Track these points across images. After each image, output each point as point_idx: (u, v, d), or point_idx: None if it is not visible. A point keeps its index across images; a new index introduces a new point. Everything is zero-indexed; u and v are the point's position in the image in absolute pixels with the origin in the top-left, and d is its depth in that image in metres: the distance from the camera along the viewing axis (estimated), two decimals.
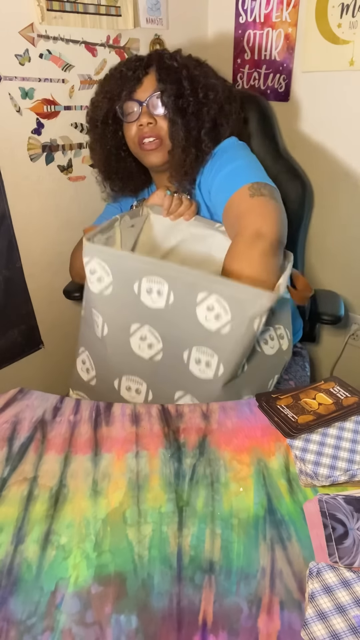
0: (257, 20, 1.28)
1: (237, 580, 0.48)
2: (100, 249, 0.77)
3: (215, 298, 0.70)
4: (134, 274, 0.74)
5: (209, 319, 0.72)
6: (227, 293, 0.70)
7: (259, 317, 0.70)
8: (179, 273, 0.73)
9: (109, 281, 0.77)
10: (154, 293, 0.74)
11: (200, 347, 0.74)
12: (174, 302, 0.73)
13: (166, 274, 0.73)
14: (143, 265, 0.74)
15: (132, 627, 0.44)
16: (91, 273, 0.78)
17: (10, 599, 0.47)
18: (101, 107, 0.99)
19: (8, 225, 1.15)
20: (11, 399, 0.73)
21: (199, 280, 0.72)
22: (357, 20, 1.10)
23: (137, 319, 0.77)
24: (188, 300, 0.72)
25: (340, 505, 0.52)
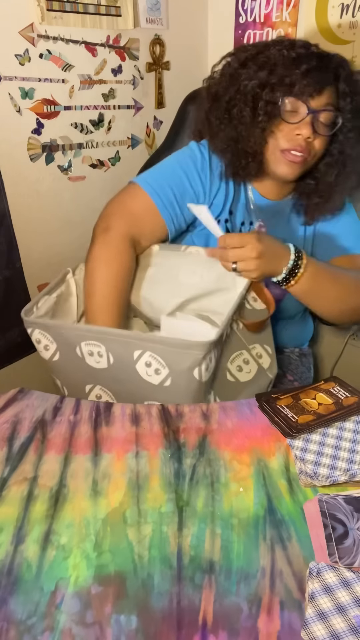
0: (257, 20, 1.28)
1: (237, 580, 0.48)
2: (36, 322, 0.79)
3: (149, 354, 0.72)
4: (72, 340, 0.77)
5: (150, 374, 0.74)
6: (158, 348, 0.71)
7: (197, 367, 0.71)
8: (110, 335, 0.75)
9: (54, 348, 0.80)
10: (95, 355, 0.76)
11: (149, 401, 0.77)
12: (115, 362, 0.76)
13: (99, 337, 0.75)
14: (76, 332, 0.76)
15: (132, 627, 0.44)
16: (37, 343, 0.81)
17: (10, 599, 0.47)
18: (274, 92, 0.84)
19: (8, 225, 1.15)
20: (11, 399, 0.73)
21: (130, 339, 0.73)
22: (357, 20, 1.10)
23: (89, 380, 0.80)
24: (126, 359, 0.74)
25: (340, 505, 0.52)
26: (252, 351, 0.84)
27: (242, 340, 0.83)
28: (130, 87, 1.29)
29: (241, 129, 0.88)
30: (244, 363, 0.83)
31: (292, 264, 0.81)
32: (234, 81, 0.88)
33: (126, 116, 1.31)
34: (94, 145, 1.26)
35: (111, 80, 1.24)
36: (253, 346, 0.85)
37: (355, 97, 0.85)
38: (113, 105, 1.26)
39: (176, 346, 0.70)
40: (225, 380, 0.81)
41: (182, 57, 1.38)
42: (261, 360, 0.86)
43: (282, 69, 0.83)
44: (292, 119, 0.84)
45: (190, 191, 0.94)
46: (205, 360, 0.71)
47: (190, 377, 0.72)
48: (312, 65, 0.82)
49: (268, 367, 0.86)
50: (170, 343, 0.71)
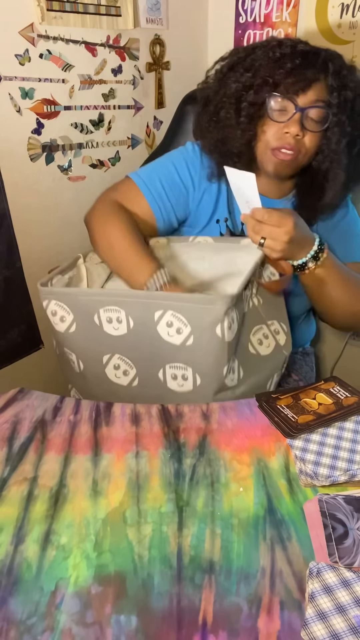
0: (257, 20, 1.28)
1: (237, 580, 0.48)
2: (53, 291, 0.79)
3: (170, 314, 0.72)
4: (90, 307, 0.76)
5: (172, 335, 0.73)
6: (180, 306, 0.71)
7: (219, 323, 0.71)
8: (131, 297, 0.74)
9: (71, 319, 0.79)
10: (114, 321, 0.75)
11: (172, 363, 0.76)
12: (135, 326, 0.75)
13: (119, 300, 0.74)
14: (96, 298, 0.76)
15: (132, 627, 0.44)
16: (53, 315, 0.80)
17: (10, 599, 0.47)
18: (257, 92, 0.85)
19: (8, 225, 1.15)
20: (11, 399, 0.73)
21: (150, 299, 0.73)
22: (357, 20, 1.10)
23: (106, 350, 0.79)
24: (147, 322, 0.74)
25: (340, 505, 0.52)
26: (270, 327, 0.85)
27: (261, 315, 0.83)
28: (130, 87, 1.29)
29: (227, 131, 0.90)
30: (263, 337, 0.83)
31: (312, 254, 0.83)
32: (222, 85, 0.90)
33: (126, 116, 1.31)
34: (94, 145, 1.26)
35: (111, 80, 1.23)
36: (272, 322, 0.85)
37: (343, 92, 0.85)
38: (113, 105, 1.26)
39: (198, 302, 0.71)
40: (247, 351, 0.81)
41: (182, 57, 1.38)
42: (278, 337, 0.86)
43: (265, 70, 0.84)
44: (281, 118, 0.84)
45: (179, 183, 0.96)
46: (228, 318, 0.71)
47: (213, 334, 0.71)
48: (296, 63, 0.82)
49: (284, 344, 0.87)
50: (192, 299, 0.71)
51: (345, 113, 0.85)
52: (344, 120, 0.85)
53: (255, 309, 0.82)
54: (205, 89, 0.96)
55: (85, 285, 0.91)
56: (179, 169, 0.96)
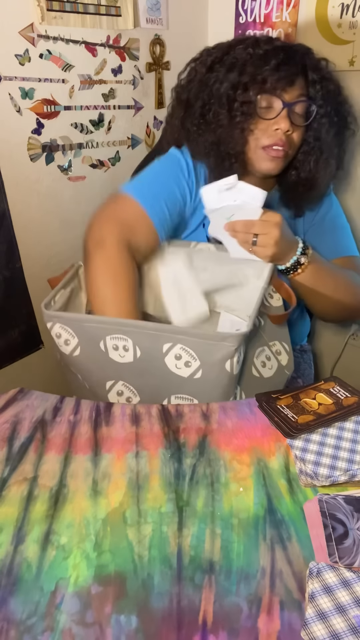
0: (257, 20, 1.28)
1: (237, 580, 0.48)
2: (58, 315, 0.77)
3: (180, 347, 0.71)
4: (96, 334, 0.75)
5: (180, 367, 0.73)
6: (190, 341, 0.71)
7: (229, 359, 0.71)
8: (139, 328, 0.73)
9: (76, 343, 0.77)
10: (121, 349, 0.75)
11: (178, 394, 0.76)
12: (142, 355, 0.74)
13: (126, 330, 0.73)
14: (103, 326, 0.74)
15: (132, 627, 0.44)
16: (57, 337, 0.78)
17: (10, 599, 0.47)
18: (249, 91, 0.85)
19: (8, 225, 1.15)
20: (11, 399, 0.73)
21: (160, 332, 0.72)
22: (357, 20, 1.10)
23: (110, 376, 0.79)
24: (155, 352, 0.73)
25: (340, 505, 0.52)
26: (272, 348, 0.85)
27: (263, 336, 0.83)
28: (130, 87, 1.29)
29: (220, 132, 0.89)
30: (266, 359, 0.83)
31: (300, 250, 0.85)
32: (204, 86, 0.89)
33: (126, 116, 1.31)
34: (94, 145, 1.26)
35: (111, 80, 1.23)
36: (273, 343, 0.85)
37: (323, 83, 0.86)
38: (113, 105, 1.26)
39: (209, 338, 0.70)
40: (251, 375, 0.81)
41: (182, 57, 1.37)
42: (280, 357, 0.86)
43: (251, 67, 0.84)
44: (269, 115, 0.85)
45: (179, 199, 0.94)
46: (237, 353, 0.71)
47: (222, 369, 0.71)
48: (280, 59, 0.83)
49: (286, 364, 0.87)
50: (204, 335, 0.70)
51: (330, 104, 0.87)
52: (329, 110, 0.87)
53: (256, 331, 0.81)
54: (181, 92, 0.94)
55: (85, 294, 0.90)
56: (179, 185, 0.94)
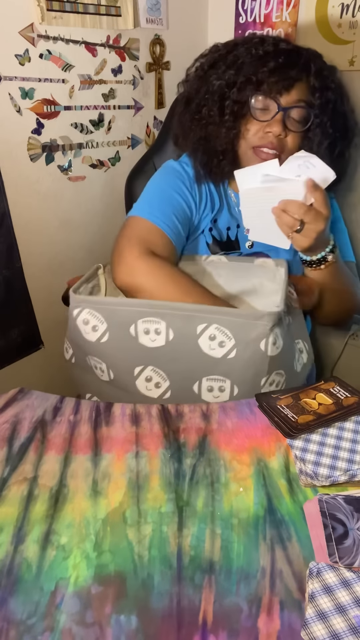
0: (257, 20, 1.28)
1: (237, 580, 0.48)
2: (90, 300, 0.77)
3: (215, 327, 0.71)
4: (128, 318, 0.75)
5: (214, 348, 0.73)
6: (226, 320, 0.71)
7: (264, 338, 0.71)
8: (174, 309, 0.73)
9: (104, 328, 0.77)
10: (152, 333, 0.74)
11: (209, 376, 0.75)
12: (174, 338, 0.74)
13: (161, 312, 0.73)
14: (136, 309, 0.74)
15: (132, 627, 0.44)
16: (84, 324, 0.77)
17: (10, 599, 0.46)
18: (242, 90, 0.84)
19: (8, 225, 1.15)
20: (11, 399, 0.73)
21: (195, 313, 0.72)
22: (357, 20, 1.10)
23: (139, 362, 0.78)
24: (188, 334, 0.73)
25: (340, 505, 0.52)
26: (297, 345, 0.85)
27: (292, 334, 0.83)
28: (130, 87, 1.29)
29: (211, 129, 0.89)
30: (299, 353, 0.85)
31: (328, 250, 0.85)
32: (203, 82, 0.89)
33: (126, 116, 1.31)
34: (94, 145, 1.26)
35: (111, 80, 1.24)
36: (297, 341, 0.86)
37: (325, 92, 0.84)
38: (113, 105, 1.26)
39: (246, 317, 0.71)
40: (293, 368, 0.82)
41: (182, 57, 1.38)
42: (302, 356, 0.87)
43: (249, 67, 0.84)
44: (263, 117, 0.84)
45: (185, 209, 0.94)
46: (273, 333, 0.71)
47: (257, 348, 0.71)
48: (279, 62, 0.82)
49: (306, 363, 0.88)
50: (240, 314, 0.71)
51: (327, 114, 0.85)
52: (325, 121, 0.85)
53: (290, 328, 0.82)
54: (185, 88, 0.95)
55: (104, 295, 0.89)
56: (185, 198, 0.94)
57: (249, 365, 0.73)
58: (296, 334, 0.85)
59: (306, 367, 0.88)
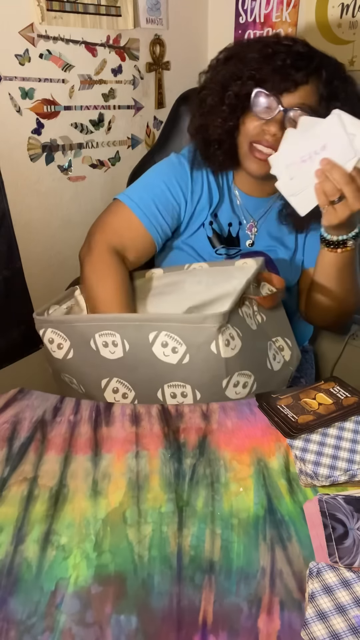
0: (257, 20, 1.28)
1: (237, 580, 0.48)
2: (48, 319, 0.81)
3: (165, 334, 0.73)
4: (86, 333, 0.77)
5: (167, 354, 0.74)
6: (173, 327, 0.72)
7: (213, 340, 0.71)
8: (123, 321, 0.75)
9: (68, 345, 0.80)
10: (110, 345, 0.76)
11: (170, 382, 0.76)
12: (130, 349, 0.76)
13: (113, 325, 0.75)
14: (91, 323, 0.77)
15: (132, 627, 0.44)
16: (50, 343, 0.82)
17: (10, 599, 0.47)
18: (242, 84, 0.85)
19: (8, 225, 1.15)
20: (11, 399, 0.73)
21: (143, 322, 0.74)
22: (357, 20, 1.10)
23: (104, 374, 0.80)
24: (142, 343, 0.74)
25: (340, 505, 0.52)
26: (275, 343, 0.86)
27: (266, 332, 0.84)
28: (130, 87, 1.29)
29: (209, 117, 0.91)
30: (275, 352, 0.85)
31: (352, 235, 0.83)
32: (215, 73, 0.91)
33: (126, 116, 1.31)
34: (94, 145, 1.26)
35: (111, 80, 1.23)
36: (276, 338, 0.86)
37: (332, 102, 0.81)
38: (113, 105, 1.26)
39: (190, 321, 0.72)
40: (265, 367, 0.82)
41: (182, 57, 1.38)
42: (283, 353, 0.87)
43: (255, 64, 0.84)
44: (263, 114, 0.84)
45: (172, 201, 0.95)
46: (224, 335, 0.71)
47: (208, 351, 0.72)
48: (286, 62, 0.81)
49: (289, 360, 0.88)
50: (185, 319, 0.72)
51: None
52: None
53: (260, 327, 0.82)
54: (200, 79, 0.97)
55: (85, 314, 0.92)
56: (171, 187, 0.95)
57: (204, 369, 0.74)
58: (273, 332, 0.85)
59: (290, 364, 0.88)
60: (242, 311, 0.78)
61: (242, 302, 0.79)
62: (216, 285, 0.90)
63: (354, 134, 0.72)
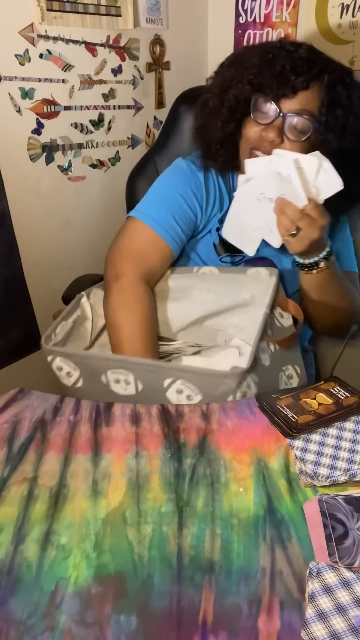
0: (257, 20, 1.28)
1: (237, 580, 0.48)
2: (58, 350, 0.78)
3: (180, 382, 0.72)
4: (97, 368, 0.75)
5: (181, 400, 0.73)
6: (191, 377, 0.71)
7: (231, 394, 0.71)
8: (139, 364, 0.74)
9: (77, 375, 0.78)
10: (122, 382, 0.75)
11: None
12: (144, 389, 0.75)
13: (127, 366, 0.74)
14: (102, 361, 0.75)
15: (132, 627, 0.44)
16: (58, 370, 0.79)
17: (10, 599, 0.46)
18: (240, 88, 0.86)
19: (8, 225, 1.15)
20: (11, 399, 0.73)
21: (160, 369, 0.73)
22: (357, 20, 1.10)
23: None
24: (156, 387, 0.73)
25: (340, 505, 0.52)
26: (285, 372, 0.84)
27: (277, 362, 0.82)
28: (130, 87, 1.29)
29: (209, 119, 0.91)
30: (284, 384, 0.83)
31: (322, 256, 0.84)
32: (218, 77, 0.92)
33: (126, 116, 1.31)
34: (94, 145, 1.26)
35: (111, 80, 1.24)
36: (286, 367, 0.84)
37: (334, 108, 0.80)
38: (113, 105, 1.26)
39: (210, 375, 0.70)
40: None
41: (182, 57, 1.38)
42: (291, 381, 0.85)
43: (255, 68, 0.84)
44: (262, 119, 0.84)
45: (188, 212, 0.94)
46: (241, 388, 0.70)
47: (223, 401, 0.71)
48: (286, 67, 0.80)
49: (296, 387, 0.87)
50: (205, 372, 0.71)
51: (333, 131, 0.82)
52: (330, 139, 0.82)
53: (273, 358, 0.80)
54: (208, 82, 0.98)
55: (90, 323, 0.90)
56: (187, 198, 0.94)
57: None
58: (284, 360, 0.84)
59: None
60: (261, 346, 0.76)
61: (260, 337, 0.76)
62: (227, 295, 0.89)
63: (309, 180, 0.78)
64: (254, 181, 0.82)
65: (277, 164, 0.79)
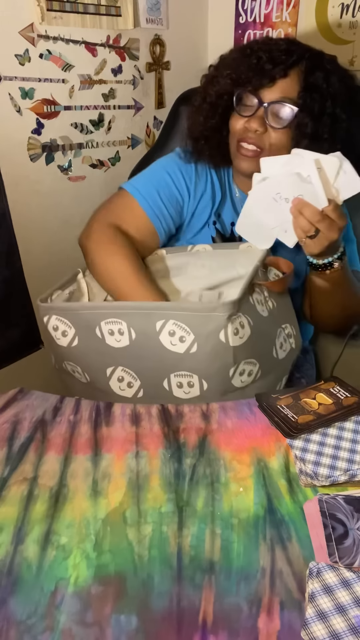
0: (257, 20, 1.28)
1: (237, 580, 0.48)
2: (53, 306, 0.80)
3: (172, 322, 0.72)
4: (91, 320, 0.76)
5: (175, 344, 0.73)
6: (182, 315, 0.71)
7: (222, 329, 0.71)
8: (131, 309, 0.75)
9: (73, 333, 0.79)
10: (116, 333, 0.76)
11: (176, 372, 0.76)
12: (137, 337, 0.75)
13: (119, 312, 0.74)
14: (96, 311, 0.76)
15: (132, 627, 0.44)
16: (54, 330, 0.80)
17: (10, 599, 0.47)
18: (220, 84, 0.88)
19: (8, 225, 1.15)
20: (11, 399, 0.73)
21: (151, 310, 0.73)
22: (357, 20, 1.10)
23: (109, 362, 0.79)
24: (149, 332, 0.74)
25: (340, 505, 0.52)
26: (284, 330, 0.86)
27: (276, 319, 0.84)
28: (130, 87, 1.29)
29: (194, 116, 0.94)
30: (283, 341, 0.85)
31: (336, 256, 0.85)
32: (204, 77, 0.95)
33: (126, 116, 1.31)
34: (94, 145, 1.26)
35: (111, 80, 1.23)
36: (285, 325, 0.86)
37: (312, 93, 0.82)
38: (113, 105, 1.26)
39: (199, 310, 0.71)
40: (271, 356, 0.82)
41: (182, 57, 1.38)
42: (291, 340, 0.87)
43: (234, 63, 0.87)
44: (245, 112, 0.86)
45: (176, 194, 0.96)
46: (233, 324, 0.71)
47: (217, 340, 0.71)
48: (262, 58, 0.82)
49: (295, 347, 0.89)
50: (194, 308, 0.72)
51: (310, 115, 0.82)
52: (306, 122, 0.83)
53: (271, 314, 0.82)
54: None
55: (87, 299, 0.91)
56: (175, 180, 0.96)
57: (212, 358, 0.73)
58: (282, 318, 0.85)
59: (293, 352, 0.88)
60: (253, 298, 0.78)
61: (252, 288, 0.78)
62: (221, 270, 0.90)
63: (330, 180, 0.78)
64: (270, 180, 0.81)
65: (296, 164, 0.78)
